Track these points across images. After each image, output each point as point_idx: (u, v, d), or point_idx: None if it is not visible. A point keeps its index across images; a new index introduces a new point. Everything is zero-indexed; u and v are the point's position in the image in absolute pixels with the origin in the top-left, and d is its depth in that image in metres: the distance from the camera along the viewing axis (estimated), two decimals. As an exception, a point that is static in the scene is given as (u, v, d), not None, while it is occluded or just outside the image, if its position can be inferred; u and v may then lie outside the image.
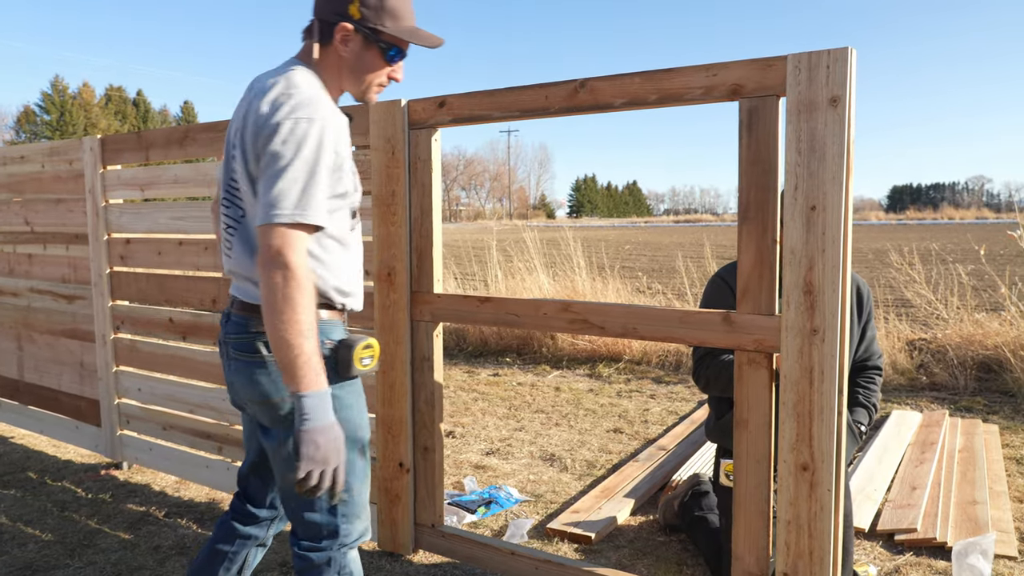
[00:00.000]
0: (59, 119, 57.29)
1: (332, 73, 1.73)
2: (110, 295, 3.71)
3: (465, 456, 4.12)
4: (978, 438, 4.09)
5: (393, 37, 1.69)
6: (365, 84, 1.73)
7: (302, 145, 1.52)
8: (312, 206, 1.52)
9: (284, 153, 1.52)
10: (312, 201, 1.52)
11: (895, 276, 6.78)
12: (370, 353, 1.70)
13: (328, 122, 1.58)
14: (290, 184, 1.50)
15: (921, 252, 9.67)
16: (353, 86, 1.74)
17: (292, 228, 1.49)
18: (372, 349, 1.71)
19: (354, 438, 1.72)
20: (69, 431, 4.07)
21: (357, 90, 1.75)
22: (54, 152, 3.90)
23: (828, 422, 1.95)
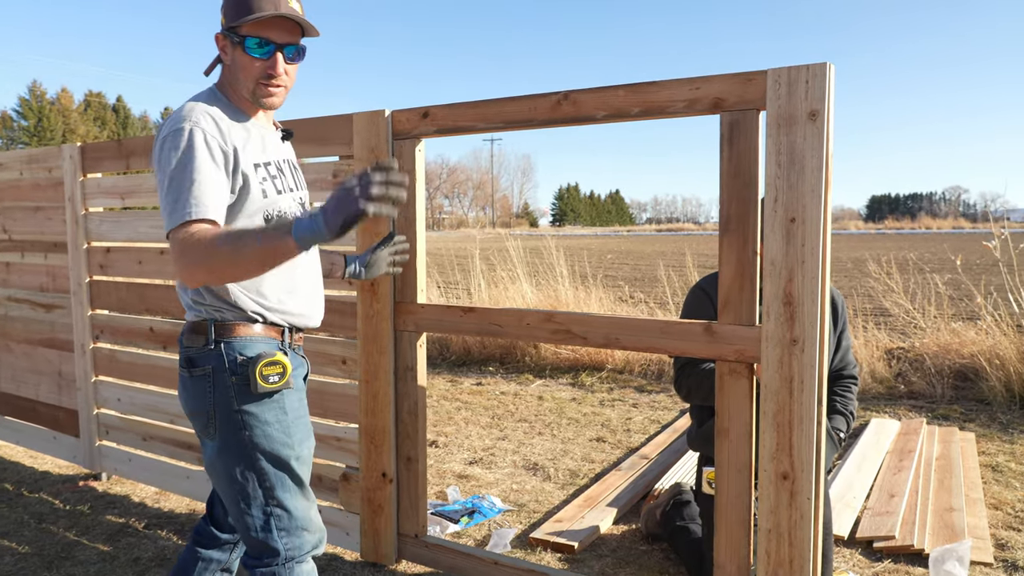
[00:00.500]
0: (37, 125, 56.68)
1: (229, 85, 1.78)
2: (89, 304, 3.68)
3: (448, 465, 4.11)
4: (955, 446, 4.15)
5: (246, 29, 1.69)
6: (249, 85, 1.74)
7: (171, 156, 1.60)
8: (190, 204, 1.55)
9: (162, 168, 1.61)
10: (189, 199, 1.56)
11: (873, 285, 6.86)
12: (276, 371, 1.71)
13: (200, 124, 1.62)
14: (168, 194, 1.58)
15: (899, 261, 9.80)
16: (243, 90, 1.76)
17: (178, 230, 1.54)
18: (278, 366, 1.71)
19: (277, 455, 1.73)
20: (47, 442, 4.02)
21: (247, 93, 1.75)
22: (33, 160, 3.86)
23: (808, 431, 1.97)
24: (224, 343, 1.73)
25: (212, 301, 1.74)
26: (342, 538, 2.93)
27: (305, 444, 1.80)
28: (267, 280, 1.76)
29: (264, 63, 1.72)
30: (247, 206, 1.71)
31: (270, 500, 1.74)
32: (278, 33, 1.71)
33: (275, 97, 1.77)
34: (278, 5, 1.68)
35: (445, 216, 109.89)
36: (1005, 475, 3.80)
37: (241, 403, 1.72)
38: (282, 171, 1.83)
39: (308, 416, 1.86)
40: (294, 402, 1.79)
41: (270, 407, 1.73)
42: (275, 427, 1.73)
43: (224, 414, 1.73)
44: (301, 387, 1.86)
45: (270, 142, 1.83)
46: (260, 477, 1.73)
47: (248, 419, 1.71)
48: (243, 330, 1.75)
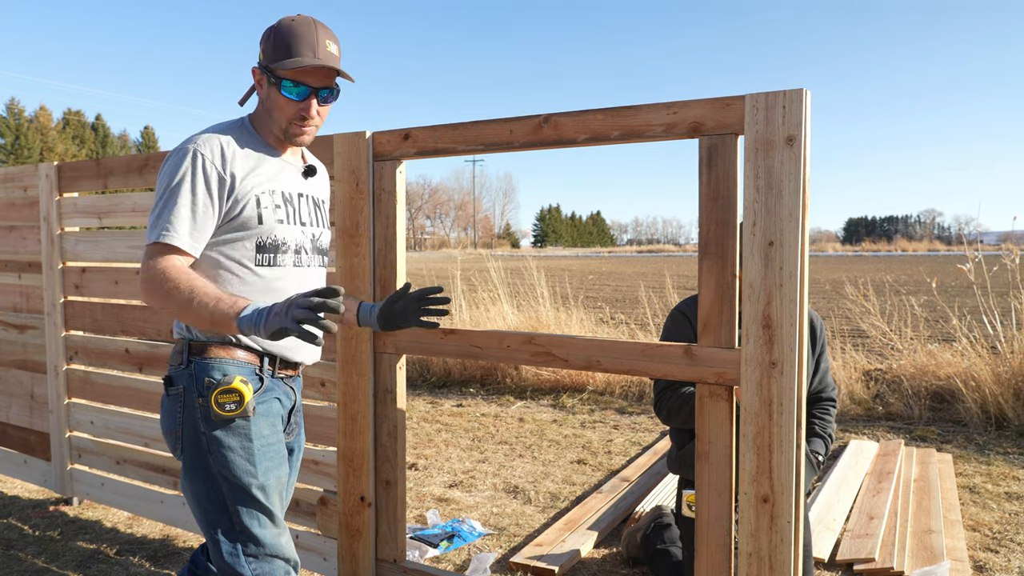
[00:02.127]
0: (14, 143, 56.11)
1: (262, 118, 1.82)
2: (64, 325, 3.63)
3: (428, 488, 4.07)
4: (932, 467, 4.17)
5: (283, 72, 1.73)
6: (281, 123, 1.79)
7: (166, 174, 1.69)
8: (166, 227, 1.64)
9: (159, 182, 1.71)
10: (167, 222, 1.64)
11: (851, 308, 6.93)
12: (232, 399, 1.69)
13: (202, 149, 1.68)
14: (154, 210, 1.68)
15: (876, 284, 9.90)
16: (275, 126, 1.80)
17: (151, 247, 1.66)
18: (234, 395, 1.69)
19: (240, 482, 1.71)
20: (16, 466, 3.94)
21: (279, 129, 1.80)
22: (8, 178, 3.82)
23: (787, 454, 1.98)
24: (196, 363, 1.74)
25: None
26: (319, 564, 2.89)
27: (272, 473, 1.77)
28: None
29: (299, 105, 1.77)
30: (240, 229, 1.74)
31: (236, 526, 1.72)
32: (315, 78, 1.75)
33: (306, 136, 1.82)
34: (316, 52, 1.72)
35: (427, 236, 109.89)
36: (982, 496, 3.82)
37: (206, 426, 1.71)
38: (291, 203, 1.84)
39: (281, 444, 1.83)
40: (263, 429, 1.76)
41: (234, 433, 1.72)
42: (238, 453, 1.71)
43: (191, 436, 1.72)
44: (275, 413, 1.82)
45: (286, 174, 1.85)
46: (225, 503, 1.72)
47: (212, 443, 1.70)
48: (217, 351, 1.75)
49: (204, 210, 1.67)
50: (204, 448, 1.71)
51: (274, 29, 1.76)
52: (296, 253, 1.85)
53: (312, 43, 1.73)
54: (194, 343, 1.75)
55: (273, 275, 1.80)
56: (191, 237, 1.66)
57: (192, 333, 1.76)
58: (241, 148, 1.76)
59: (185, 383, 1.73)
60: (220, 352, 1.75)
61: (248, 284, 1.77)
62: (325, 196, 2.03)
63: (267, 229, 1.77)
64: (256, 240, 1.76)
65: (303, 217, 1.87)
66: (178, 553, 3.21)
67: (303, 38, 1.73)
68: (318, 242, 1.94)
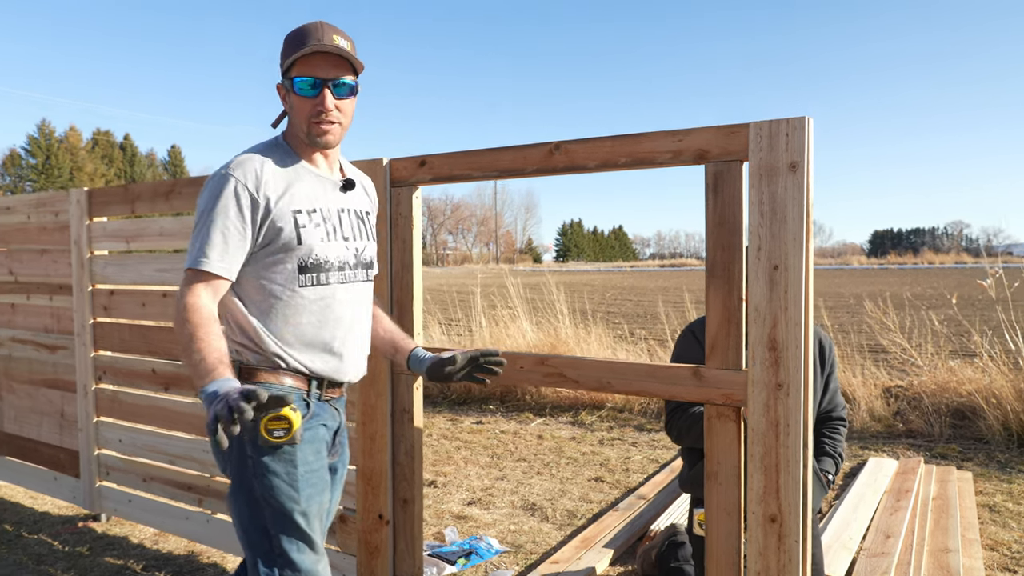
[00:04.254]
0: (45, 162, 57.33)
1: (292, 131, 1.87)
2: (93, 345, 3.74)
3: (447, 506, 4.12)
4: (952, 485, 4.15)
5: (294, 70, 1.77)
6: (304, 127, 1.81)
7: (203, 200, 1.75)
8: (201, 253, 1.69)
9: (197, 207, 1.76)
10: (201, 249, 1.70)
11: (872, 324, 6.89)
12: (281, 426, 1.63)
13: (235, 173, 1.73)
14: (192, 233, 1.73)
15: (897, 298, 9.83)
16: (300, 133, 1.83)
17: (188, 272, 1.70)
18: (284, 422, 1.63)
19: (282, 507, 1.74)
20: (47, 482, 4.05)
21: (304, 134, 1.82)
22: (41, 203, 3.95)
23: (795, 474, 2.01)
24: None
25: (239, 338, 1.80)
26: (339, 580, 2.94)
27: (315, 500, 1.79)
28: (293, 329, 1.80)
29: (313, 100, 1.77)
30: (281, 251, 1.77)
31: (275, 550, 1.75)
32: (324, 69, 1.76)
33: (329, 135, 1.81)
34: (321, 40, 1.75)
35: (449, 252, 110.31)
36: (1002, 515, 3.80)
37: (253, 450, 1.74)
38: (331, 219, 1.86)
39: (325, 470, 1.85)
40: (308, 455, 1.78)
41: (280, 458, 1.74)
42: (283, 479, 1.74)
43: (238, 458, 1.76)
44: (321, 439, 1.85)
45: (324, 190, 1.87)
46: (266, 527, 1.75)
47: (257, 467, 1.74)
48: (266, 376, 1.79)
49: (236, 233, 1.71)
50: (249, 471, 1.74)
51: (284, 39, 1.82)
52: (340, 270, 1.86)
53: (317, 36, 1.76)
54: (244, 367, 1.79)
55: (318, 295, 1.82)
56: (223, 261, 1.69)
57: (243, 357, 1.80)
58: (276, 168, 1.78)
59: None
60: (269, 377, 1.78)
61: (294, 306, 1.79)
62: (368, 207, 2.04)
63: (307, 249, 1.78)
64: (298, 261, 1.78)
65: (345, 232, 1.88)
66: (202, 569, 3.29)
67: (309, 34, 1.77)
68: (362, 256, 1.94)
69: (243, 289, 1.79)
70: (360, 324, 1.96)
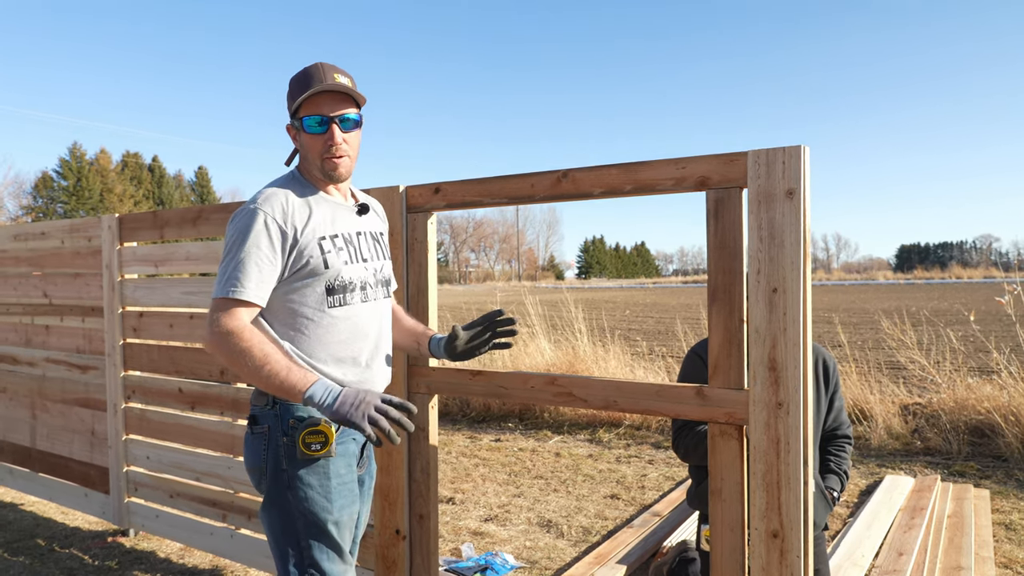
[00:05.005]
0: (76, 184, 58.52)
1: (305, 166, 1.99)
2: (123, 365, 3.88)
3: (464, 522, 4.20)
4: (968, 503, 4.15)
5: (302, 111, 1.90)
6: (316, 162, 1.94)
7: (232, 233, 1.84)
8: (234, 282, 1.78)
9: (225, 240, 1.86)
10: (234, 278, 1.78)
11: (891, 342, 6.88)
12: (318, 440, 1.82)
13: (263, 207, 1.84)
14: (222, 265, 1.82)
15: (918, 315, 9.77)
16: (314, 168, 1.96)
17: (221, 300, 1.78)
18: (320, 436, 1.82)
19: (316, 518, 1.84)
20: (78, 498, 4.18)
21: (317, 170, 1.95)
22: (74, 229, 4.12)
23: (796, 491, 2.07)
24: (281, 404, 1.88)
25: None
26: (357, 594, 3.03)
27: (346, 510, 1.90)
28: (324, 347, 1.91)
29: (322, 137, 1.90)
30: (309, 276, 1.89)
31: (306, 559, 1.85)
32: (330, 106, 1.89)
33: (340, 168, 1.94)
34: (324, 80, 1.86)
35: (471, 269, 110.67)
36: (1018, 533, 3.80)
37: (288, 464, 1.85)
38: (351, 242, 1.98)
39: (355, 482, 1.96)
40: (340, 468, 1.90)
41: (314, 471, 1.86)
42: (317, 491, 1.85)
43: (273, 472, 1.87)
44: (352, 453, 1.96)
45: (341, 216, 1.99)
46: (298, 537, 1.85)
47: (293, 480, 1.85)
48: None
49: (269, 263, 1.82)
50: (284, 484, 1.85)
51: (289, 82, 1.95)
52: (362, 290, 1.98)
53: (320, 77, 1.88)
54: None
55: (346, 314, 1.94)
56: (257, 288, 1.80)
57: None
58: (299, 199, 1.90)
59: (271, 423, 1.88)
60: None
61: (324, 326, 1.90)
62: (381, 228, 2.17)
63: (334, 272, 1.91)
64: (325, 283, 1.90)
65: (364, 254, 2.00)
66: (226, 583, 3.38)
67: (311, 76, 1.88)
68: (381, 274, 2.07)
69: (272, 313, 1.90)
70: (384, 338, 2.08)
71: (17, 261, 4.46)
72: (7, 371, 4.58)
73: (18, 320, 4.49)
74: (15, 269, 4.49)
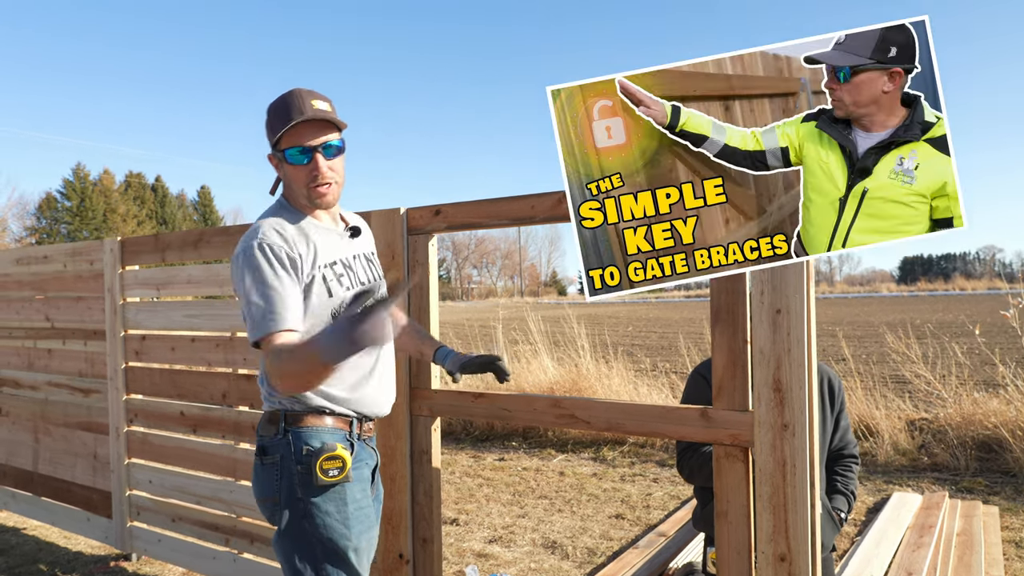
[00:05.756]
0: (79, 205, 58.75)
1: (291, 195, 1.95)
2: (125, 389, 3.87)
3: (468, 544, 4.16)
4: (977, 520, 4.11)
5: (283, 143, 1.86)
6: (303, 191, 1.91)
7: (245, 274, 1.78)
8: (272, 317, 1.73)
9: (238, 283, 1.80)
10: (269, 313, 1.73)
11: (895, 356, 6.85)
12: (335, 465, 1.81)
13: (266, 240, 1.81)
14: (249, 308, 1.76)
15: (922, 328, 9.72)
16: (300, 197, 1.93)
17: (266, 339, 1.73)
18: (338, 461, 1.81)
19: (335, 545, 1.82)
20: (80, 523, 4.16)
21: (304, 199, 1.92)
22: (76, 252, 4.12)
23: (802, 513, 2.05)
24: (292, 432, 1.86)
25: (283, 394, 1.88)
26: (361, 619, 3.00)
27: (365, 536, 1.88)
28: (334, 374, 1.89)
29: (307, 168, 1.86)
30: (314, 307, 1.86)
31: None
32: (311, 135, 1.85)
33: (328, 196, 1.91)
34: (303, 110, 1.82)
35: (473, 286, 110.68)
36: (1028, 551, 3.76)
37: (304, 492, 1.83)
38: (350, 267, 1.97)
39: (371, 507, 1.95)
40: (356, 493, 1.88)
41: (331, 498, 1.83)
42: (335, 518, 1.83)
43: (288, 501, 1.85)
44: (366, 478, 1.95)
45: (335, 241, 1.97)
46: (317, 565, 1.83)
47: (310, 508, 1.82)
48: (311, 420, 1.88)
49: (292, 289, 1.80)
50: (300, 513, 1.82)
51: (267, 112, 1.91)
52: None
53: (299, 106, 1.83)
54: (290, 413, 1.88)
55: None
56: (293, 315, 1.76)
57: (287, 404, 1.89)
58: (294, 228, 1.88)
59: (282, 451, 1.85)
60: (315, 421, 1.87)
61: None
62: (372, 247, 2.15)
63: (338, 300, 1.90)
64: (331, 311, 1.89)
65: (361, 277, 1.99)
66: (229, 608, 3.35)
67: (290, 105, 1.84)
68: (378, 296, 2.05)
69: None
70: (387, 358, 2.06)
71: (20, 285, 4.47)
72: (10, 395, 4.57)
73: (21, 344, 4.49)
74: (18, 293, 4.49)
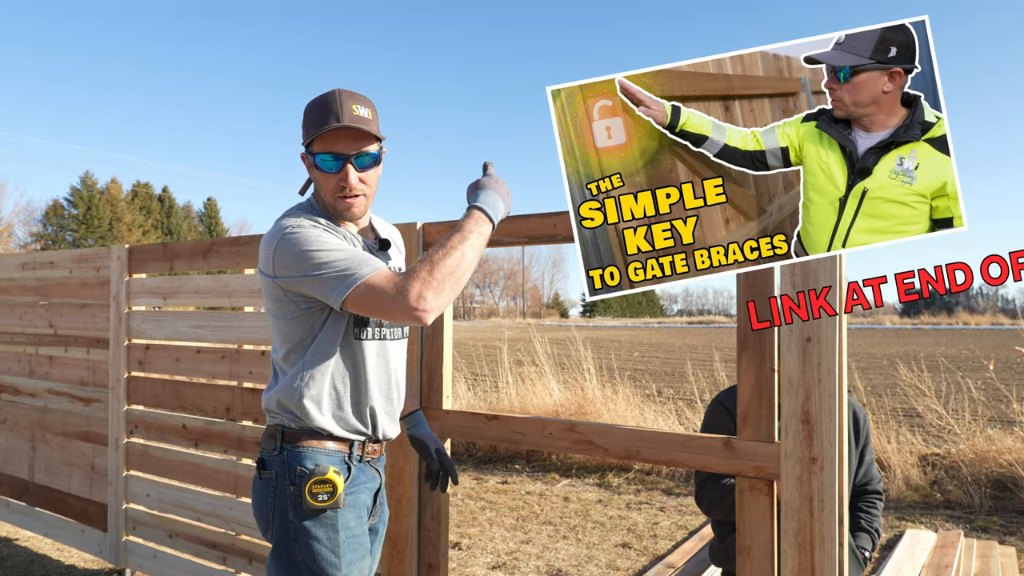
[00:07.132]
0: (86, 213, 58.92)
1: (320, 199, 1.86)
2: (126, 399, 3.79)
3: (471, 570, 4.06)
4: (994, 561, 4.00)
5: (315, 147, 1.76)
6: (329, 200, 1.82)
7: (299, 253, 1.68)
8: (358, 262, 1.66)
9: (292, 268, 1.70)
10: (354, 260, 1.66)
11: (907, 389, 6.75)
12: (325, 489, 1.71)
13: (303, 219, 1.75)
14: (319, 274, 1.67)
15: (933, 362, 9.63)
16: (326, 201, 1.83)
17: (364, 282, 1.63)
18: (328, 486, 1.71)
19: (324, 573, 1.73)
20: (74, 535, 4.06)
21: (330, 204, 1.83)
22: (83, 259, 4.06)
23: (830, 552, 1.96)
24: (289, 451, 1.77)
25: (285, 411, 1.80)
26: (361, 646, 2.89)
27: (355, 566, 1.78)
28: (334, 395, 1.81)
29: (336, 176, 1.77)
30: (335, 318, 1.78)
31: None
32: (345, 144, 1.75)
33: (355, 208, 1.81)
34: (340, 116, 1.72)
35: (476, 305, 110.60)
36: (1048, 595, 3.65)
37: (295, 514, 1.74)
38: None
39: (366, 535, 1.84)
40: (349, 520, 1.78)
41: (322, 523, 1.74)
42: (324, 545, 1.73)
43: (280, 521, 1.76)
44: (362, 504, 1.84)
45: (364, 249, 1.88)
46: None
47: (299, 532, 1.73)
48: (309, 441, 1.78)
49: (349, 242, 1.76)
50: (291, 535, 1.74)
51: (304, 109, 1.79)
52: (379, 327, 1.87)
53: (336, 110, 1.72)
54: (287, 431, 1.79)
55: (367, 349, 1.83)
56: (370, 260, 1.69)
57: (285, 421, 1.80)
58: (325, 221, 1.80)
59: (278, 469, 1.77)
60: (312, 442, 1.78)
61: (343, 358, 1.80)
62: (401, 263, 2.04)
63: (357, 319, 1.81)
64: (353, 333, 1.81)
65: None
66: (224, 630, 3.25)
67: (328, 107, 1.73)
68: None
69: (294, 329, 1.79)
70: (401, 379, 1.98)
71: (24, 290, 4.41)
72: (8, 402, 4.49)
73: (22, 350, 4.42)
74: (22, 298, 4.43)
